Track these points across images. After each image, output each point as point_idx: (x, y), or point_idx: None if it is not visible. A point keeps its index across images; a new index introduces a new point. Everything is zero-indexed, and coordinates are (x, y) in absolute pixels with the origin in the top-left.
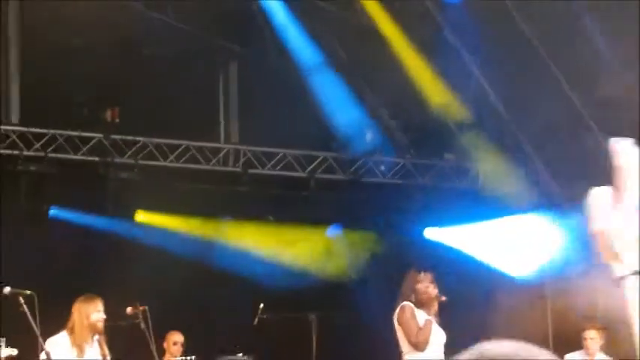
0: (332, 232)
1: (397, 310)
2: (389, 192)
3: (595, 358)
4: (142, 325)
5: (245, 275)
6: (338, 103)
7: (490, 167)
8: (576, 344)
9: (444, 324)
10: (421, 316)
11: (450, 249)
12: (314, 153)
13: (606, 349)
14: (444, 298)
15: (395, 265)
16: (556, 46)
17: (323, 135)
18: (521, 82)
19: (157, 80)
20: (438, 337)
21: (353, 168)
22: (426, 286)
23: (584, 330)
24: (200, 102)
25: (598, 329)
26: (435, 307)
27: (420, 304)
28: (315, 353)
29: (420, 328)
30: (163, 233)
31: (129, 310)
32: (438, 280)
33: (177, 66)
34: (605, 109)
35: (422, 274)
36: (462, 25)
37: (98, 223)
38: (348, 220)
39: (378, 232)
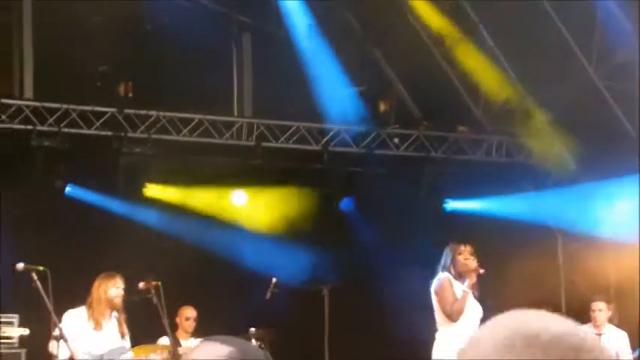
0: (345, 206)
1: (435, 281)
2: (403, 165)
3: (602, 330)
4: (155, 300)
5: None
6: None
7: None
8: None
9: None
10: (459, 287)
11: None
12: (327, 126)
13: (614, 320)
14: (482, 271)
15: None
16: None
17: (336, 108)
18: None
19: (170, 54)
20: (473, 310)
21: (366, 141)
22: (466, 257)
23: (591, 302)
24: (213, 75)
25: (606, 301)
26: (474, 279)
27: (459, 275)
28: (328, 326)
29: (456, 299)
30: (176, 211)
31: (141, 285)
32: (478, 253)
33: (189, 39)
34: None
35: (462, 246)
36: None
37: (112, 202)
38: (362, 194)
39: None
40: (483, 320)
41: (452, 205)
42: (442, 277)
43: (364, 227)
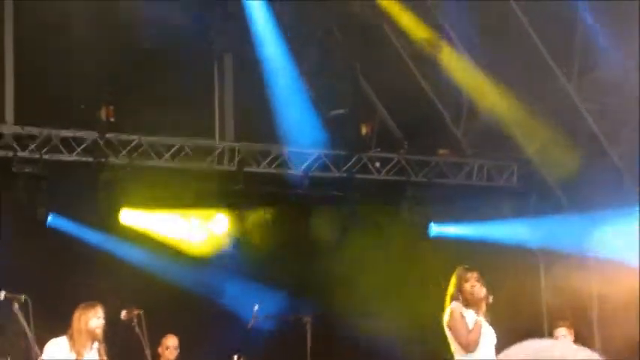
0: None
1: (446, 313)
2: (386, 188)
3: None
4: (137, 330)
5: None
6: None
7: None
8: None
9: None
10: (470, 316)
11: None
12: (308, 150)
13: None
14: (490, 299)
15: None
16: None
17: (317, 132)
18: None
19: (152, 78)
20: (488, 337)
21: (347, 165)
22: (473, 285)
23: (553, 328)
24: (196, 99)
25: (568, 326)
26: (484, 306)
27: (468, 303)
28: (310, 356)
29: (470, 330)
30: (155, 241)
31: (124, 314)
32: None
33: (172, 63)
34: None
35: (469, 274)
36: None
37: (91, 232)
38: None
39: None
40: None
41: (436, 229)
42: (452, 307)
43: (346, 252)
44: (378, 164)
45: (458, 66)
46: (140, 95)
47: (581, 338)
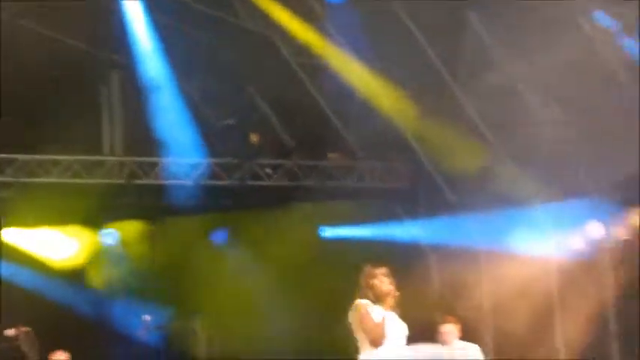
0: (218, 238)
1: (352, 308)
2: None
3: (454, 347)
4: (24, 347)
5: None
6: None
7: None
8: None
9: None
10: (377, 312)
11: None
12: (198, 160)
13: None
14: (397, 294)
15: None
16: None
17: (207, 142)
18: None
19: (41, 94)
20: (396, 331)
21: (238, 173)
22: (381, 281)
23: (440, 324)
24: (84, 115)
25: (454, 322)
26: (391, 301)
27: (376, 299)
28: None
29: (376, 324)
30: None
31: (11, 331)
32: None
33: (58, 78)
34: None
35: (376, 270)
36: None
37: None
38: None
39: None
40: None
41: (328, 232)
42: (358, 303)
43: (238, 258)
44: (269, 170)
45: (348, 69)
46: (28, 112)
47: (473, 331)
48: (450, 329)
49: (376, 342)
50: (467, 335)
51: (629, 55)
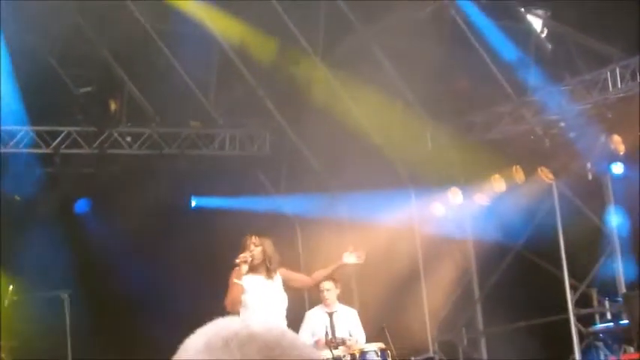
0: (81, 208)
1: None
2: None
3: (333, 309)
4: None
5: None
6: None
7: None
8: None
9: None
10: (249, 279)
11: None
12: (58, 128)
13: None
14: (238, 260)
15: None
16: None
17: (67, 108)
18: None
19: None
20: (267, 298)
21: (98, 141)
22: (251, 250)
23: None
24: None
25: (333, 280)
26: (262, 269)
27: (251, 269)
28: (70, 331)
29: (232, 292)
30: None
31: None
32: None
33: None
34: None
35: (248, 240)
36: None
37: None
38: (98, 196)
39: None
40: None
41: (196, 202)
42: (232, 270)
43: (101, 229)
44: (129, 139)
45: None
46: None
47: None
48: (328, 287)
49: (227, 307)
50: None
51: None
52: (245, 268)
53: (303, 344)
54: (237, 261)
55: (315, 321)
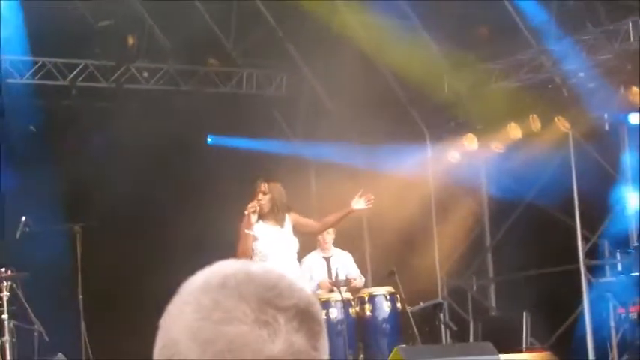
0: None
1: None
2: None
3: (329, 253)
4: None
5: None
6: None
7: None
8: None
9: None
10: (260, 226)
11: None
12: (74, 60)
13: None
14: (251, 208)
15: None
16: None
17: (85, 41)
18: None
19: None
20: (278, 244)
21: (115, 75)
22: (259, 199)
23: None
24: None
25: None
26: (271, 216)
27: (261, 215)
28: (81, 266)
29: (241, 241)
30: None
31: None
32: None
33: None
34: None
35: (258, 187)
36: None
37: None
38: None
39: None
40: None
41: (212, 140)
42: (244, 216)
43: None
44: (146, 74)
45: None
46: None
47: (352, 241)
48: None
49: (238, 255)
50: (345, 245)
51: None
52: (254, 217)
53: (301, 287)
54: (246, 212)
55: (313, 265)
